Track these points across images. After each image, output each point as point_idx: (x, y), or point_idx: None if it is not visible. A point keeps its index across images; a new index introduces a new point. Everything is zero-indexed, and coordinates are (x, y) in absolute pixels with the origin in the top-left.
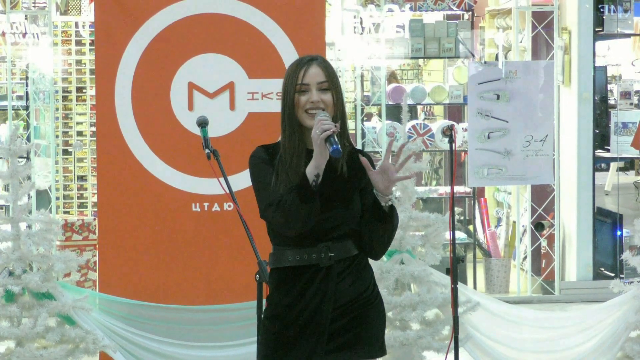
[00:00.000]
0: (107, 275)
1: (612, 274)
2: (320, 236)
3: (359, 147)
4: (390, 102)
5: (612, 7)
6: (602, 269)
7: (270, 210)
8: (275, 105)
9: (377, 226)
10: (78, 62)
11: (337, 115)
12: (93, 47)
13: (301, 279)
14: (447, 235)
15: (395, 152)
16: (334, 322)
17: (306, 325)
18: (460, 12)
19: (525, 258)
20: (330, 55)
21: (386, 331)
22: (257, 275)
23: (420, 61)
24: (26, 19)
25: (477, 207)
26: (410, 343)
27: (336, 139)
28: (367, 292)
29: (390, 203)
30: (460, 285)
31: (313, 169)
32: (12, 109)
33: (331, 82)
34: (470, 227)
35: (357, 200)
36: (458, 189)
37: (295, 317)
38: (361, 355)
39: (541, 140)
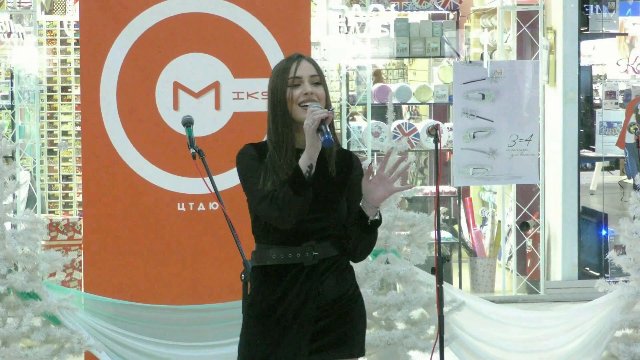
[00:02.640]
0: (92, 275)
1: (597, 274)
2: (307, 236)
3: (344, 147)
4: (375, 102)
5: (597, 6)
6: (587, 269)
7: (263, 204)
8: (260, 105)
9: (362, 235)
10: (63, 62)
11: (327, 109)
12: (78, 47)
13: (285, 278)
14: (433, 234)
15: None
16: (318, 322)
17: (290, 325)
18: (446, 12)
19: (510, 257)
20: (315, 55)
21: (371, 331)
22: (243, 275)
23: (406, 61)
24: (11, 18)
25: (462, 206)
26: (395, 342)
27: (328, 129)
28: (349, 292)
29: (377, 217)
30: (445, 285)
31: (306, 160)
32: None
33: (321, 77)
34: (456, 227)
35: (344, 200)
36: (443, 188)
37: (279, 316)
38: (345, 354)
39: (526, 140)
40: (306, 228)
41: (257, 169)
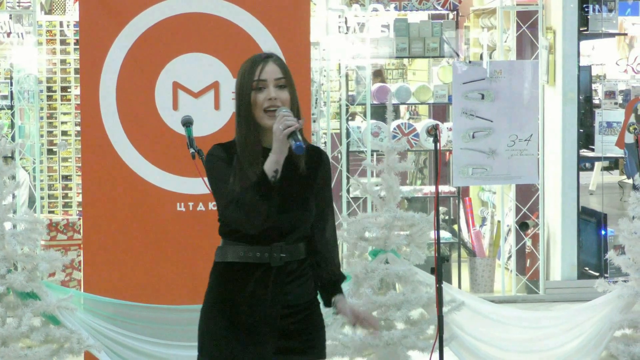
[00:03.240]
0: (91, 275)
1: (597, 274)
2: (276, 236)
3: (343, 147)
4: (375, 102)
5: (597, 6)
6: (587, 269)
7: (230, 209)
8: None
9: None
10: (63, 62)
11: (294, 112)
12: (78, 47)
13: (251, 277)
14: (432, 234)
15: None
16: (282, 321)
17: (257, 325)
18: (445, 12)
19: (509, 257)
20: (315, 55)
21: (371, 330)
22: None
23: (405, 61)
24: (11, 18)
25: (461, 206)
26: (395, 342)
27: (299, 135)
28: (311, 296)
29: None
30: (445, 285)
31: (272, 165)
32: None
33: (287, 80)
34: (455, 227)
35: (313, 202)
36: (443, 188)
37: (247, 316)
38: (313, 357)
39: (526, 140)
40: (278, 228)
41: (225, 170)
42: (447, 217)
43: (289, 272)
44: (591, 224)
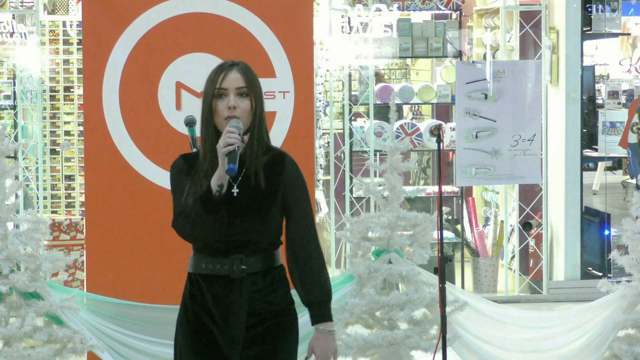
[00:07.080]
0: (94, 275)
1: (600, 274)
2: (233, 248)
3: (346, 147)
4: (378, 102)
5: (600, 6)
6: (590, 269)
7: (178, 221)
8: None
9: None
10: (66, 62)
11: (254, 123)
12: (81, 47)
13: (213, 289)
14: (435, 234)
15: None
16: (248, 331)
17: (222, 337)
18: (448, 12)
19: (513, 257)
20: (318, 55)
21: (374, 331)
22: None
23: (408, 60)
24: (14, 18)
25: (465, 206)
26: (398, 342)
27: (236, 156)
28: (280, 305)
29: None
30: (448, 285)
31: (217, 180)
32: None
33: (250, 88)
34: (458, 227)
35: (276, 213)
36: (446, 188)
37: (211, 327)
38: None
39: (529, 140)
40: (233, 239)
41: (181, 182)
42: (450, 217)
43: (253, 283)
44: (594, 224)
